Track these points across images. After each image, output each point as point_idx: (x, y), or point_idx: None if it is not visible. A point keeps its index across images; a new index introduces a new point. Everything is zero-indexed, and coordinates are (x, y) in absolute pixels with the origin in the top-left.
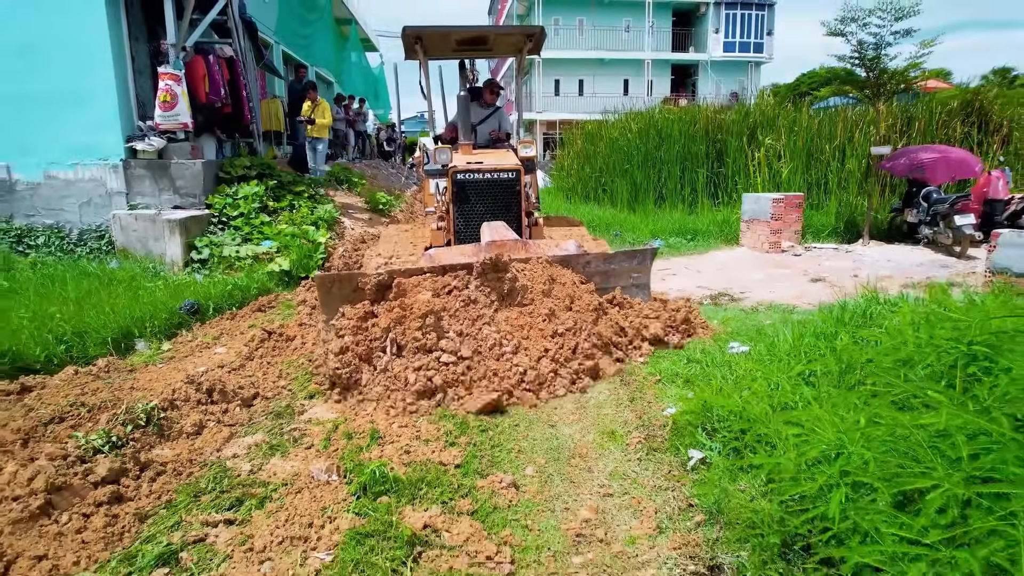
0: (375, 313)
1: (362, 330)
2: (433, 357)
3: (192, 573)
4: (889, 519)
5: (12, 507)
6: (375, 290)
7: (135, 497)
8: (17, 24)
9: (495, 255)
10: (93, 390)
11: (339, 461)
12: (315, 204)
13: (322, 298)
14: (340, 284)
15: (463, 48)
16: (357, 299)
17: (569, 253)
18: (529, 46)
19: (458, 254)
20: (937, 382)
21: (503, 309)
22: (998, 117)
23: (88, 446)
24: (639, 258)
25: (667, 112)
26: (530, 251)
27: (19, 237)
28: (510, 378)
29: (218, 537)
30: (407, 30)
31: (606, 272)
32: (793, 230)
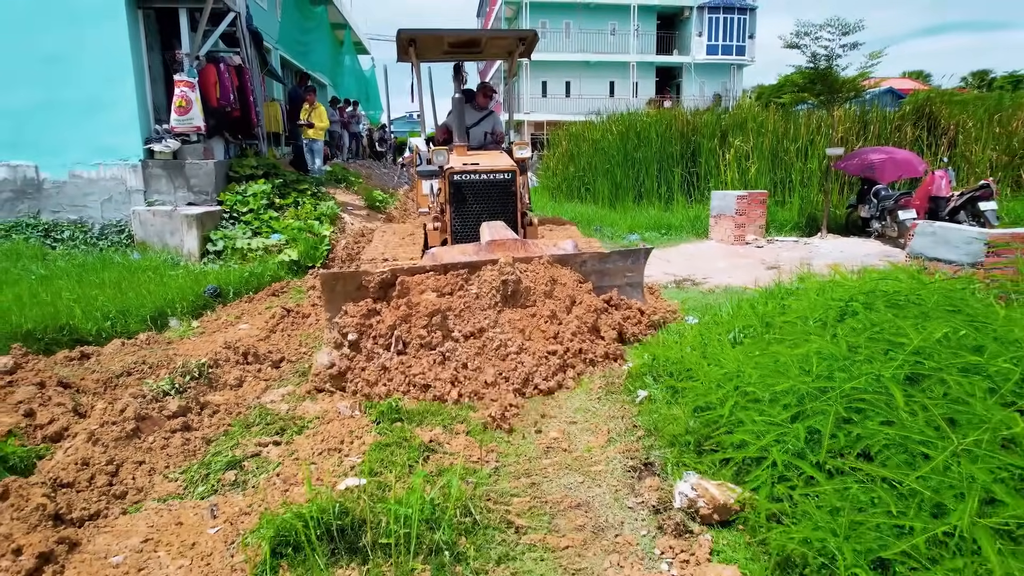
0: (378, 311)
1: (366, 327)
2: (438, 353)
3: (254, 474)
4: (759, 412)
5: (112, 430)
6: (378, 288)
7: (199, 427)
8: (46, 36)
9: (503, 261)
10: (144, 356)
11: (359, 401)
12: (318, 201)
13: (326, 296)
14: (344, 282)
15: (455, 50)
16: (360, 297)
17: (567, 252)
18: (521, 49)
19: (459, 253)
20: (822, 327)
21: (506, 310)
22: (945, 121)
23: (158, 390)
24: (633, 257)
25: (645, 115)
26: (529, 250)
27: (47, 231)
28: (515, 381)
29: (270, 452)
30: (401, 33)
31: (602, 271)
32: (757, 224)
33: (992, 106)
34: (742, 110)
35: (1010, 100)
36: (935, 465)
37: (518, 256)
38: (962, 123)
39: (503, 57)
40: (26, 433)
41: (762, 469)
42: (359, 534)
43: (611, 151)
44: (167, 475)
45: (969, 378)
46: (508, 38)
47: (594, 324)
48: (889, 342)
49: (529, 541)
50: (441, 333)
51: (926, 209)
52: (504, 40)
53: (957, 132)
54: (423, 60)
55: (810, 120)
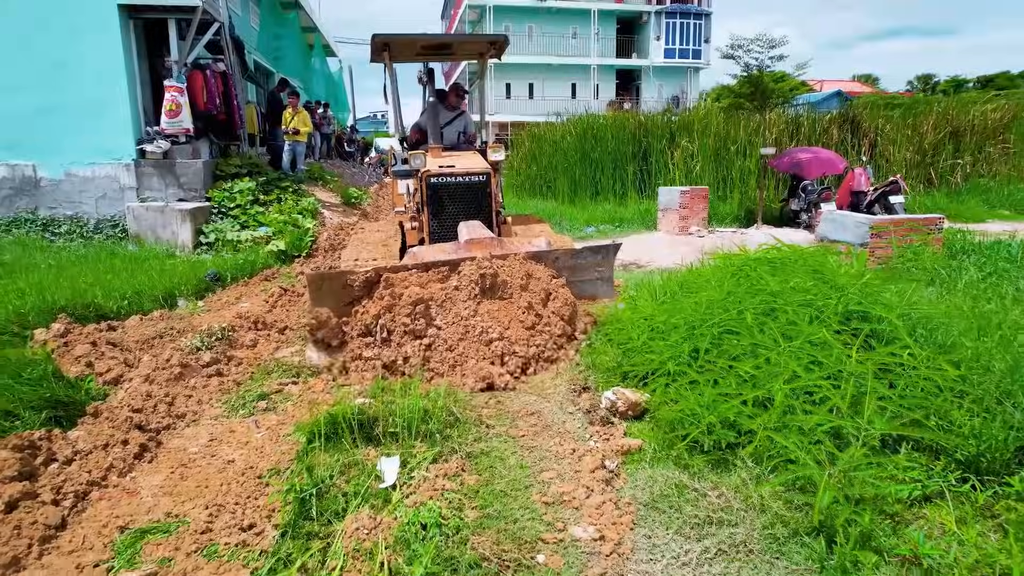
0: (360, 302)
1: (346, 314)
2: (423, 343)
3: (281, 402)
4: (663, 340)
5: (162, 373)
6: (363, 287)
7: (229, 374)
8: (44, 45)
9: (481, 256)
10: (168, 326)
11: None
12: (299, 198)
13: (312, 296)
14: (330, 282)
15: (427, 52)
16: (346, 296)
17: (540, 249)
18: (491, 52)
19: (439, 252)
20: (718, 283)
21: (484, 302)
22: (866, 125)
23: (192, 346)
24: (603, 253)
25: (601, 118)
26: (505, 248)
27: (45, 226)
28: (496, 362)
29: (290, 389)
30: (376, 37)
31: (573, 267)
32: (700, 217)
33: (906, 111)
34: (688, 113)
35: (923, 106)
36: (763, 359)
37: (495, 253)
38: (880, 126)
39: (474, 58)
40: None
41: (659, 376)
42: (373, 427)
43: (570, 151)
44: (212, 404)
45: (802, 309)
46: (479, 41)
47: (570, 316)
48: (757, 289)
49: (496, 432)
50: (425, 321)
51: (849, 202)
52: (475, 43)
53: (877, 134)
54: (396, 61)
55: (748, 123)
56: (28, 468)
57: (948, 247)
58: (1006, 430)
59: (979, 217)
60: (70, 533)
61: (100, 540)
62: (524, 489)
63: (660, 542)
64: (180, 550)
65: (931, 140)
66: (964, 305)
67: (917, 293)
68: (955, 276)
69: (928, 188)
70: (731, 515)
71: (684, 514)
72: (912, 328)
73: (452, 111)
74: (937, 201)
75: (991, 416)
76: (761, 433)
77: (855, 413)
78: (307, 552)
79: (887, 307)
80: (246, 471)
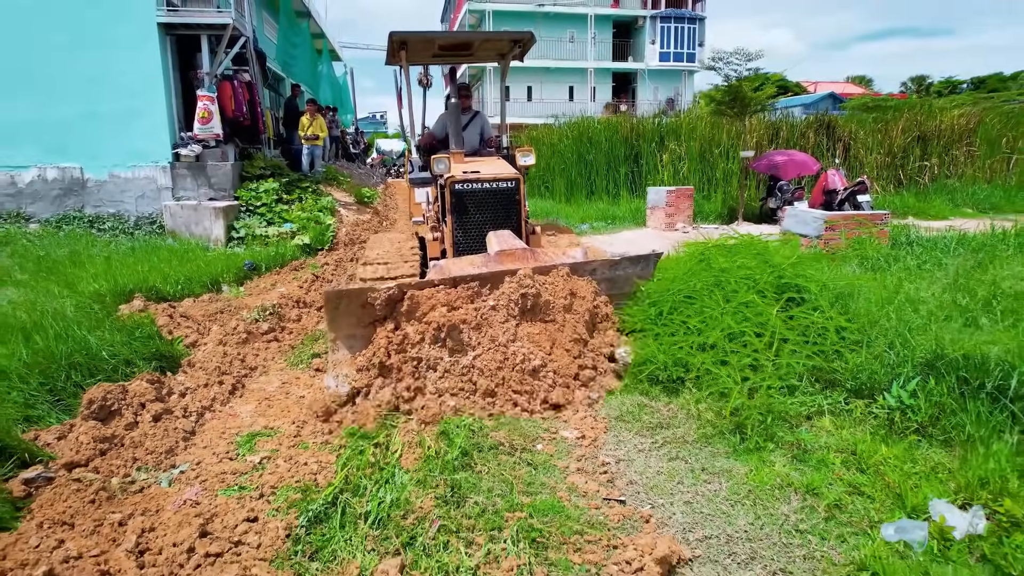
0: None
1: (399, 350)
2: (463, 369)
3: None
4: (639, 308)
5: (232, 338)
6: (385, 305)
7: (284, 340)
8: (90, 59)
9: (523, 272)
10: (222, 305)
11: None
12: (318, 197)
13: (329, 315)
14: (349, 300)
15: (445, 53)
16: (366, 315)
17: (577, 261)
18: (516, 52)
19: (468, 264)
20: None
21: (524, 324)
22: (840, 129)
23: (251, 318)
24: (643, 264)
25: (595, 122)
26: (540, 260)
27: (91, 223)
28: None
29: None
30: (393, 35)
31: (612, 279)
32: (685, 215)
33: (878, 116)
34: (677, 118)
35: (892, 114)
36: (708, 316)
37: (534, 266)
38: (853, 131)
39: (494, 59)
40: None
41: (635, 333)
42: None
43: (567, 153)
44: (275, 361)
45: (743, 281)
46: (502, 40)
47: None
48: (710, 267)
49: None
50: (456, 346)
51: (823, 201)
52: (498, 42)
53: (850, 138)
54: (412, 63)
55: (731, 128)
56: (159, 395)
57: (893, 239)
58: (884, 367)
59: (943, 215)
60: (199, 437)
61: (222, 441)
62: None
63: (624, 439)
64: (282, 445)
65: (900, 144)
66: (871, 280)
67: (836, 271)
68: (891, 263)
69: (898, 188)
70: (676, 421)
71: (642, 422)
72: (831, 297)
73: (466, 114)
74: (905, 200)
75: (874, 357)
76: (702, 367)
77: (774, 354)
78: (373, 442)
79: (808, 279)
80: (314, 403)
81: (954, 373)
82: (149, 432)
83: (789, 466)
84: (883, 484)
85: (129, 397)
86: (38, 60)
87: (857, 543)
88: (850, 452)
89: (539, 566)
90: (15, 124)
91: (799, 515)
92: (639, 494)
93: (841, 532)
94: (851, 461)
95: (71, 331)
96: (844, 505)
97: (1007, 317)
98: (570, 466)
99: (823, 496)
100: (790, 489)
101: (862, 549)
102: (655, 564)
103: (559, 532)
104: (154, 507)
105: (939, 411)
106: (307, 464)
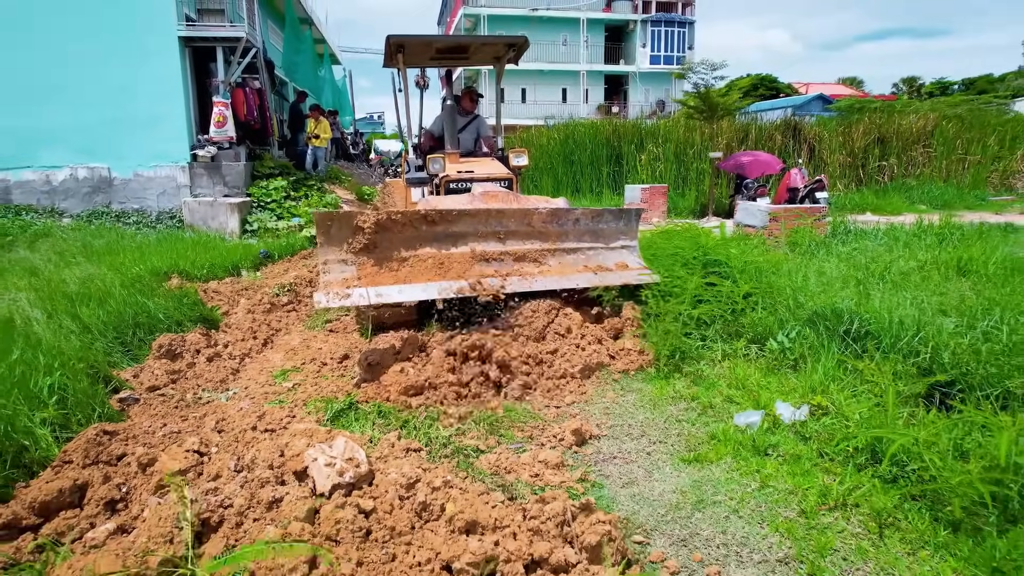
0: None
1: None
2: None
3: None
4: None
5: (258, 307)
6: (374, 230)
7: (300, 311)
8: (116, 69)
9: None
10: (244, 285)
11: None
12: (322, 194)
13: (321, 236)
14: (339, 223)
15: (442, 56)
16: (356, 242)
17: (559, 207)
18: (510, 55)
19: (452, 202)
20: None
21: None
22: (806, 132)
23: (273, 293)
24: (625, 219)
25: (580, 125)
26: (522, 203)
27: (117, 217)
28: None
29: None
30: (391, 39)
31: (595, 231)
32: (660, 210)
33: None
34: (658, 122)
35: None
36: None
37: (510, 207)
38: (818, 133)
39: (490, 63)
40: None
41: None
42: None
43: (554, 154)
44: (295, 326)
45: (673, 257)
46: (497, 44)
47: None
48: (659, 249)
49: None
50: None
51: (787, 198)
52: (493, 46)
53: (815, 140)
54: (410, 66)
55: (704, 130)
56: (209, 343)
57: (834, 229)
58: (776, 320)
59: (898, 210)
60: (243, 373)
61: (262, 375)
62: None
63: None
64: (308, 376)
65: (860, 145)
66: (788, 260)
67: (762, 253)
68: (820, 248)
69: (859, 187)
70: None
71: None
72: (752, 271)
73: (465, 116)
74: (865, 197)
75: (769, 313)
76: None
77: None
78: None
79: (730, 257)
80: (331, 351)
81: (822, 322)
82: (205, 368)
83: (686, 387)
84: (751, 396)
85: (187, 344)
86: (72, 71)
87: (716, 427)
88: (736, 379)
89: (492, 436)
90: (51, 128)
91: (681, 412)
92: (573, 404)
93: (707, 421)
94: (735, 384)
95: (134, 298)
96: (716, 406)
97: (890, 287)
98: None
99: (702, 402)
100: (680, 398)
101: (716, 428)
102: (571, 435)
103: (509, 420)
104: (221, 411)
105: (808, 349)
106: (328, 387)
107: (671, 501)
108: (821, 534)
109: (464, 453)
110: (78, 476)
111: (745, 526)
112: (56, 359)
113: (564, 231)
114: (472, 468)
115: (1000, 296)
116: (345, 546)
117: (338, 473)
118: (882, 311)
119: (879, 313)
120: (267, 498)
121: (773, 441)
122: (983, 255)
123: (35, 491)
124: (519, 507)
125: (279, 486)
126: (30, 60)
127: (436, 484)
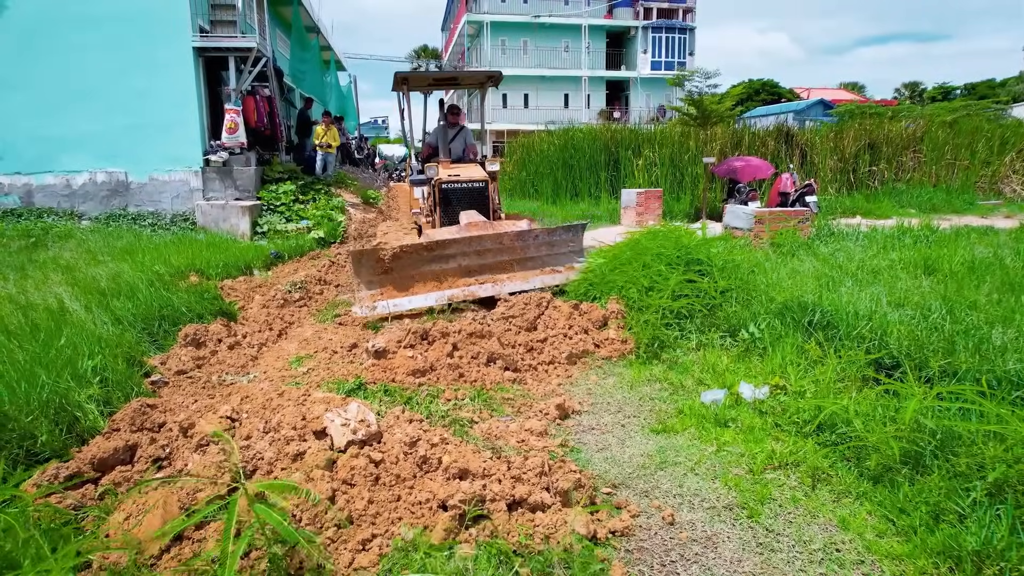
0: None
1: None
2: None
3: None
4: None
5: (272, 302)
6: (392, 259)
7: (311, 306)
8: (134, 78)
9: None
10: (257, 283)
11: None
12: (329, 198)
13: (354, 267)
14: (367, 255)
15: (438, 83)
16: (379, 267)
17: (523, 229)
18: (490, 84)
19: (445, 233)
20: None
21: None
22: (798, 137)
23: (285, 290)
24: (574, 231)
25: (579, 131)
26: (496, 228)
27: (133, 219)
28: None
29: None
30: (398, 75)
31: (551, 242)
32: (655, 213)
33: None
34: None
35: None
36: (631, 277)
37: (487, 233)
38: (810, 139)
39: (475, 87)
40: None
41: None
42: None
43: (554, 159)
44: (307, 319)
45: (657, 255)
46: (479, 75)
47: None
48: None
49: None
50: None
51: (778, 201)
52: (476, 76)
53: (807, 145)
54: (413, 91)
55: (699, 136)
56: (229, 333)
57: (818, 232)
58: (749, 313)
59: (887, 214)
60: (261, 360)
61: (278, 361)
62: None
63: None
64: (321, 362)
65: (851, 151)
66: (768, 259)
67: (743, 253)
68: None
69: (850, 191)
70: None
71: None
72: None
73: (453, 128)
74: (855, 201)
75: (743, 307)
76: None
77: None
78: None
79: (710, 256)
80: (341, 341)
81: (789, 314)
82: (227, 355)
83: (662, 372)
84: (719, 379)
85: (210, 333)
86: (93, 81)
87: (684, 403)
88: (708, 365)
89: (485, 410)
90: (72, 135)
91: (655, 392)
92: (560, 386)
93: (677, 399)
94: (706, 369)
95: (159, 293)
96: (687, 387)
97: (858, 284)
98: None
99: (674, 383)
100: (656, 381)
101: (684, 404)
102: (555, 409)
103: (501, 396)
104: (244, 390)
105: (776, 338)
106: (339, 371)
107: (638, 463)
108: (764, 487)
109: (460, 423)
110: (128, 439)
111: (700, 481)
112: (95, 345)
113: (527, 245)
114: (467, 434)
115: (951, 292)
116: (359, 487)
117: (352, 432)
118: (843, 304)
119: (839, 305)
120: (292, 452)
121: (733, 415)
122: (948, 255)
123: (93, 449)
124: (505, 460)
125: (302, 442)
126: (54, 71)
127: (435, 441)
